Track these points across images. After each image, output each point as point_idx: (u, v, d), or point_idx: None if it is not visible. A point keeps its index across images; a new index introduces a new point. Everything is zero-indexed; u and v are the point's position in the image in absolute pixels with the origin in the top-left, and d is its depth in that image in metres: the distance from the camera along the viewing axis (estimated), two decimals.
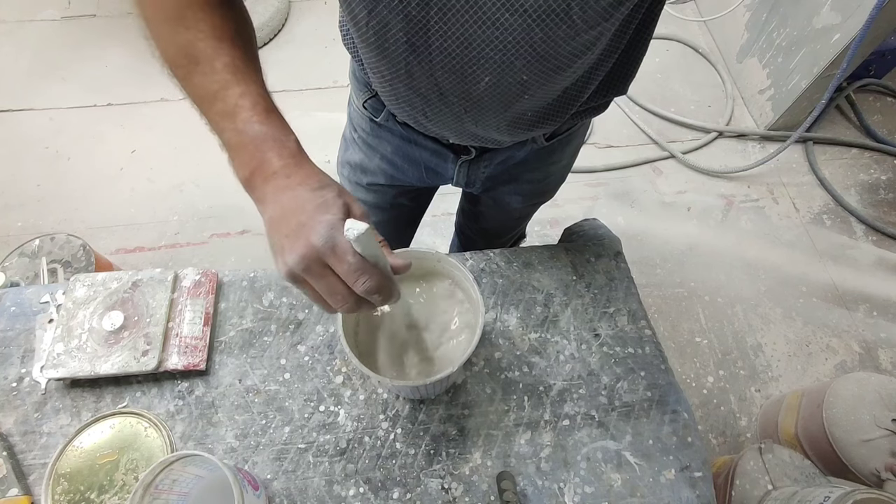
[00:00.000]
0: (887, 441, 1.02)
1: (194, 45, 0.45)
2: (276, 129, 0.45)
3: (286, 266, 0.41)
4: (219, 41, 0.45)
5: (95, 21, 2.15)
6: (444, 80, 0.50)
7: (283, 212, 0.42)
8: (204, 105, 0.45)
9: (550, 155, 0.75)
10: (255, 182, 0.44)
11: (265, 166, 0.43)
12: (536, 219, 1.68)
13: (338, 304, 0.42)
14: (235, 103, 0.44)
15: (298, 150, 0.45)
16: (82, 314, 0.65)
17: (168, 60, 0.46)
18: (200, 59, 0.45)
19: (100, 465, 0.58)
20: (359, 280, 0.41)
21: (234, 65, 0.45)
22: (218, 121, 0.45)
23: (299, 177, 0.43)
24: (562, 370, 0.67)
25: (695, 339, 1.55)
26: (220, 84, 0.44)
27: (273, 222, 0.42)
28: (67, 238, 1.27)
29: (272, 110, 0.46)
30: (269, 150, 0.43)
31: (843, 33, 1.55)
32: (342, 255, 0.40)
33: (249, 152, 0.44)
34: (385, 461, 0.61)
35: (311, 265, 0.40)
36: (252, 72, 0.46)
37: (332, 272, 0.41)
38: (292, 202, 0.42)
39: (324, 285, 0.41)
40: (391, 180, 0.79)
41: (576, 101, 0.58)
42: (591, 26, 0.43)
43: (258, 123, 0.44)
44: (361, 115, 0.72)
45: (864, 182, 1.87)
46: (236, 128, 0.44)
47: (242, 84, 0.45)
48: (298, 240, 0.40)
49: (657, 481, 0.60)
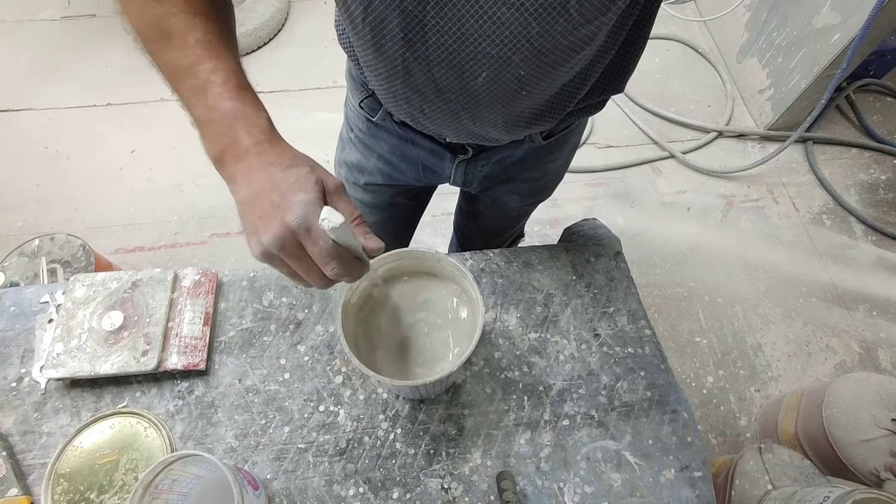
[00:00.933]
0: (887, 441, 1.02)
1: (167, 20, 0.44)
2: (247, 105, 0.44)
3: (260, 246, 0.41)
4: (192, 15, 0.44)
5: (95, 21, 2.15)
6: (442, 77, 0.50)
7: (255, 192, 0.41)
8: (176, 81, 0.44)
9: (548, 154, 0.75)
10: (226, 160, 0.43)
11: (236, 144, 0.43)
12: (536, 219, 1.68)
13: (312, 281, 0.43)
14: (207, 79, 0.43)
15: (270, 127, 0.45)
16: (82, 314, 0.65)
17: (140, 35, 0.45)
18: (173, 33, 0.44)
19: (99, 465, 0.58)
20: (328, 265, 0.41)
21: (206, 40, 0.44)
22: (189, 97, 0.44)
23: (271, 155, 0.43)
24: (561, 370, 0.67)
25: (694, 339, 1.55)
26: (191, 59, 0.43)
27: (245, 202, 0.42)
28: (67, 238, 1.27)
29: (244, 87, 0.45)
30: (241, 128, 0.43)
31: (842, 33, 1.55)
32: (315, 238, 0.40)
33: (220, 129, 0.43)
34: (385, 461, 0.61)
35: (286, 245, 0.40)
36: (225, 47, 0.45)
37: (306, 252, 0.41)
38: (265, 181, 0.41)
39: (298, 264, 0.42)
40: (388, 180, 0.79)
41: (573, 97, 0.58)
42: (588, 21, 0.43)
43: (229, 100, 0.43)
44: (358, 115, 0.72)
45: (864, 182, 1.87)
46: (207, 104, 0.43)
47: (214, 59, 0.44)
48: (273, 220, 0.40)
49: (657, 481, 0.60)
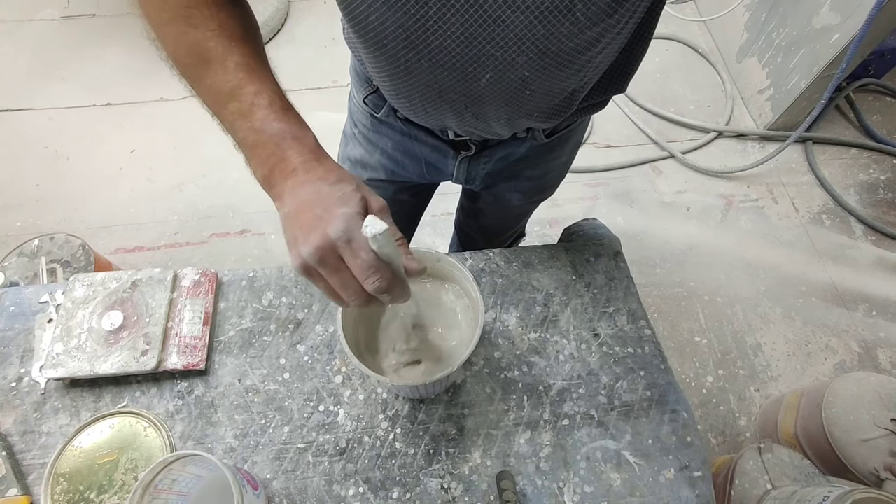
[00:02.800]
0: (886, 441, 1.02)
1: (204, 45, 0.44)
2: (294, 126, 0.44)
3: (300, 258, 0.40)
4: (229, 39, 0.45)
5: (95, 21, 2.15)
6: (445, 77, 0.50)
7: (300, 205, 0.41)
8: (217, 105, 0.45)
9: (550, 151, 0.75)
10: (274, 179, 0.43)
11: (284, 163, 0.43)
12: (536, 218, 1.68)
13: (349, 298, 0.42)
14: (252, 102, 0.43)
15: (317, 146, 0.45)
16: (81, 314, 0.65)
17: (177, 61, 0.46)
18: (212, 58, 0.44)
19: (99, 464, 0.58)
20: (370, 278, 0.40)
21: (246, 63, 0.45)
22: (233, 120, 0.44)
23: (318, 172, 0.43)
24: (561, 370, 0.67)
25: (694, 339, 1.55)
26: (234, 83, 0.44)
27: (290, 216, 0.42)
28: (67, 238, 1.27)
29: (289, 108, 0.46)
30: (289, 148, 0.43)
31: (842, 33, 1.55)
32: (357, 249, 0.40)
33: (269, 150, 0.43)
34: (384, 461, 0.61)
35: (326, 257, 0.40)
36: (265, 69, 0.46)
37: (346, 266, 0.41)
38: (310, 196, 0.41)
39: (337, 279, 0.41)
40: (392, 176, 0.79)
41: (576, 97, 0.58)
42: (594, 23, 0.43)
43: (276, 121, 0.43)
44: (362, 111, 0.73)
45: (864, 182, 1.87)
46: (253, 126, 0.43)
47: (257, 82, 0.44)
48: (314, 231, 0.40)
49: (656, 481, 0.60)
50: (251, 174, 0.45)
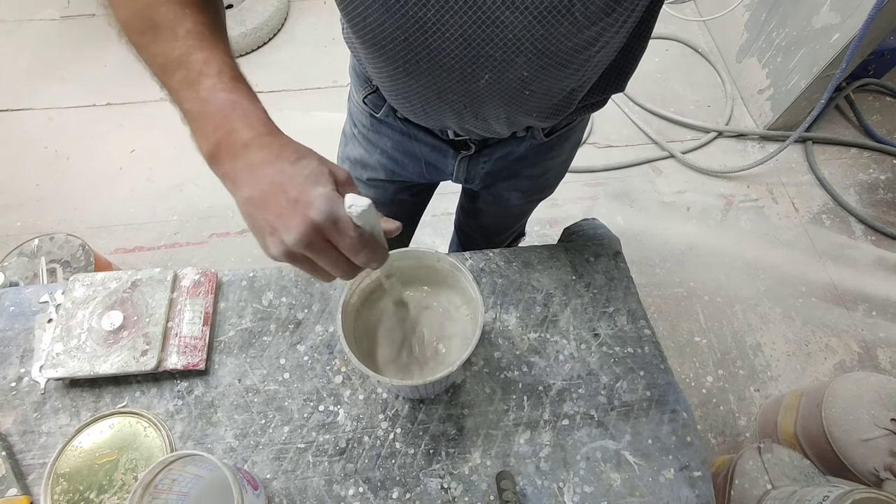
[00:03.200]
0: (886, 440, 1.02)
1: (155, 10, 0.42)
2: (243, 97, 0.41)
3: (283, 245, 0.39)
4: (182, 6, 0.42)
5: (95, 21, 2.15)
6: (444, 78, 0.50)
7: (265, 189, 0.39)
8: (164, 74, 0.42)
9: (549, 150, 0.75)
10: (222, 156, 0.40)
11: (233, 137, 0.40)
12: (536, 218, 1.68)
13: (339, 273, 0.42)
14: (199, 70, 0.40)
15: (268, 119, 0.43)
16: (81, 314, 0.65)
17: (126, 27, 0.44)
18: (161, 24, 0.41)
19: (99, 464, 0.58)
20: (359, 253, 0.41)
21: (197, 30, 0.42)
22: (179, 89, 0.41)
23: (275, 148, 0.40)
24: (561, 370, 0.67)
25: (694, 339, 1.55)
26: (182, 50, 0.41)
27: (255, 202, 0.39)
28: (67, 238, 1.27)
29: (239, 78, 0.43)
30: (237, 120, 0.40)
31: (842, 33, 1.55)
32: (344, 229, 0.39)
33: (215, 122, 0.40)
34: (384, 461, 0.61)
35: (314, 241, 0.39)
36: (217, 38, 0.43)
37: (333, 246, 0.40)
38: (274, 177, 0.39)
39: (325, 258, 0.41)
40: (391, 175, 0.79)
41: (576, 96, 0.58)
42: (592, 22, 0.43)
43: (224, 91, 0.40)
44: (361, 111, 0.73)
45: (864, 182, 1.87)
46: (199, 96, 0.40)
47: (206, 50, 0.41)
48: (294, 217, 0.38)
49: (656, 481, 0.60)
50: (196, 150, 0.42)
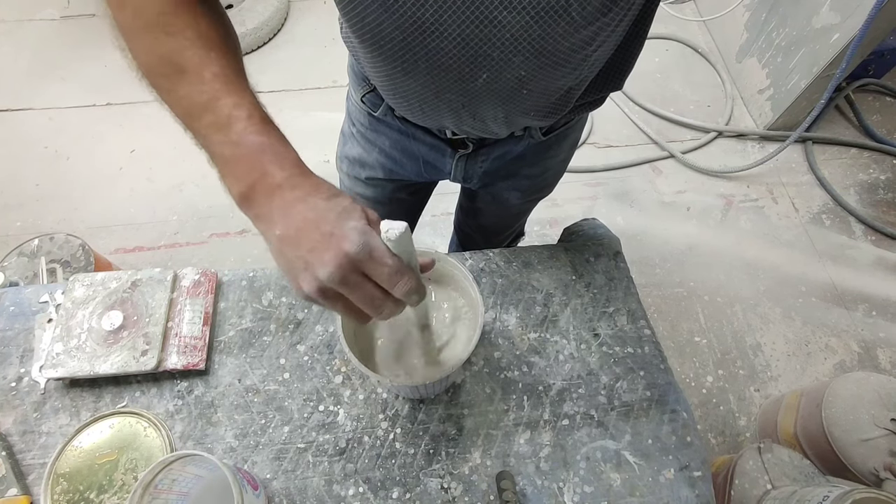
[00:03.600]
0: (886, 440, 1.02)
1: (180, 54, 0.42)
2: (275, 140, 0.42)
3: (317, 282, 0.37)
4: (207, 49, 0.42)
5: (95, 21, 2.15)
6: (442, 78, 0.50)
7: (299, 225, 0.38)
8: (190, 117, 0.42)
9: (548, 150, 0.75)
10: (256, 196, 0.40)
11: (266, 179, 0.40)
12: (536, 218, 1.68)
13: (376, 310, 0.40)
14: (229, 114, 0.41)
15: (300, 160, 0.43)
16: (81, 314, 0.65)
17: (149, 71, 0.44)
18: (187, 68, 0.41)
19: (99, 464, 0.58)
20: (399, 282, 0.39)
21: (224, 74, 0.42)
22: (208, 134, 0.42)
23: (307, 187, 0.40)
24: (561, 370, 0.67)
25: (694, 339, 1.55)
26: (210, 94, 0.41)
27: (287, 239, 0.39)
28: (66, 238, 1.27)
29: (268, 121, 0.43)
30: (270, 163, 0.40)
31: (842, 33, 1.55)
32: (381, 258, 0.38)
33: (248, 165, 0.40)
34: (384, 461, 0.61)
35: (348, 275, 0.37)
36: (243, 82, 0.44)
37: (369, 279, 0.39)
38: (308, 214, 0.38)
39: (360, 294, 0.39)
40: (390, 174, 0.79)
41: (573, 94, 0.58)
42: (589, 22, 0.43)
43: (255, 134, 0.41)
44: (360, 110, 0.73)
45: (864, 182, 1.87)
46: (230, 140, 0.41)
47: (235, 95, 0.41)
48: (328, 251, 0.37)
49: (656, 481, 0.60)
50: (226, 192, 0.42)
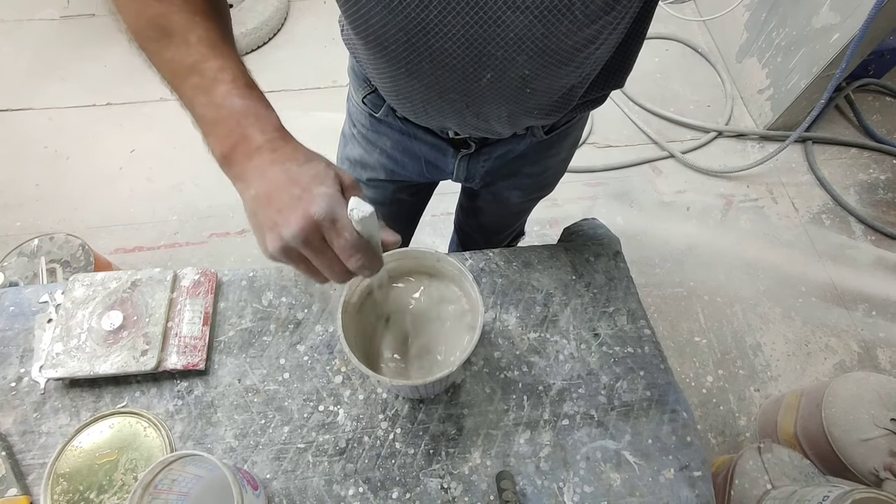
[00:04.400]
0: (886, 440, 1.02)
1: (167, 18, 0.43)
2: (257, 103, 0.43)
3: (281, 239, 0.39)
4: (192, 14, 0.43)
5: (94, 20, 2.14)
6: (446, 78, 0.50)
7: (271, 186, 0.40)
8: (177, 79, 0.43)
9: (549, 148, 0.75)
10: (236, 157, 0.42)
11: (247, 141, 0.42)
12: (536, 218, 1.68)
13: (331, 276, 0.42)
14: (214, 77, 0.42)
15: (281, 125, 0.44)
16: (81, 314, 0.65)
17: (137, 34, 0.45)
18: (174, 31, 0.43)
19: (99, 464, 0.58)
20: (353, 257, 0.41)
21: (209, 38, 0.43)
22: (193, 95, 0.43)
23: (286, 151, 0.42)
24: (561, 370, 0.67)
25: (694, 339, 1.55)
26: (195, 57, 0.42)
27: (260, 198, 0.41)
28: (66, 238, 1.27)
29: (252, 85, 0.44)
30: (251, 125, 0.42)
31: (842, 33, 1.55)
32: (341, 230, 0.40)
33: (229, 126, 0.42)
34: (384, 461, 0.61)
35: (311, 238, 0.39)
36: (229, 46, 0.45)
37: (328, 245, 0.40)
38: (281, 177, 0.40)
39: (321, 258, 0.41)
40: (391, 175, 0.79)
41: (576, 93, 0.58)
42: (592, 21, 0.43)
43: (238, 97, 0.42)
44: (361, 111, 0.73)
45: (863, 182, 1.87)
46: (213, 101, 0.42)
47: (220, 58, 0.43)
48: (295, 212, 0.39)
49: (656, 481, 0.60)
50: (208, 152, 0.43)
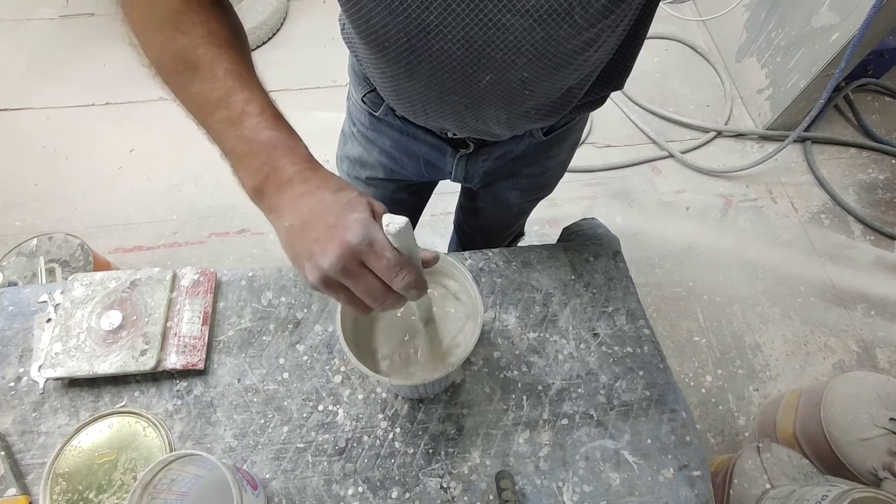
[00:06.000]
0: (885, 440, 1.03)
1: (192, 51, 0.43)
2: (286, 135, 0.43)
3: (320, 271, 0.39)
4: (218, 47, 0.43)
5: (93, 20, 2.14)
6: (445, 79, 0.50)
7: (306, 217, 0.40)
8: (204, 113, 0.44)
9: (549, 149, 0.75)
10: (267, 190, 0.42)
11: (278, 173, 0.41)
12: (535, 218, 1.68)
13: (376, 302, 0.41)
14: (242, 110, 0.42)
15: (310, 155, 0.44)
16: (80, 313, 0.65)
17: (162, 68, 0.45)
18: (200, 65, 0.43)
19: (98, 464, 0.58)
20: (398, 276, 0.40)
21: (236, 70, 0.43)
22: (221, 129, 0.43)
23: (316, 181, 0.42)
24: (560, 369, 0.67)
25: (693, 339, 1.55)
26: (223, 91, 0.42)
27: (295, 230, 0.40)
28: (65, 237, 1.27)
29: (280, 117, 0.44)
30: (282, 157, 0.42)
31: (841, 33, 1.55)
32: (381, 251, 0.39)
33: (260, 160, 0.42)
34: (384, 460, 0.61)
35: (349, 265, 0.39)
36: (254, 77, 0.45)
37: (369, 271, 0.40)
38: (315, 206, 0.40)
39: (361, 285, 0.40)
40: (390, 174, 0.79)
41: (576, 95, 0.58)
42: (591, 24, 0.43)
43: (267, 130, 0.42)
44: (360, 110, 0.73)
45: (862, 181, 1.88)
46: (243, 135, 0.42)
47: (247, 90, 0.43)
48: (331, 241, 0.38)
49: (655, 480, 0.60)
50: (239, 185, 0.43)
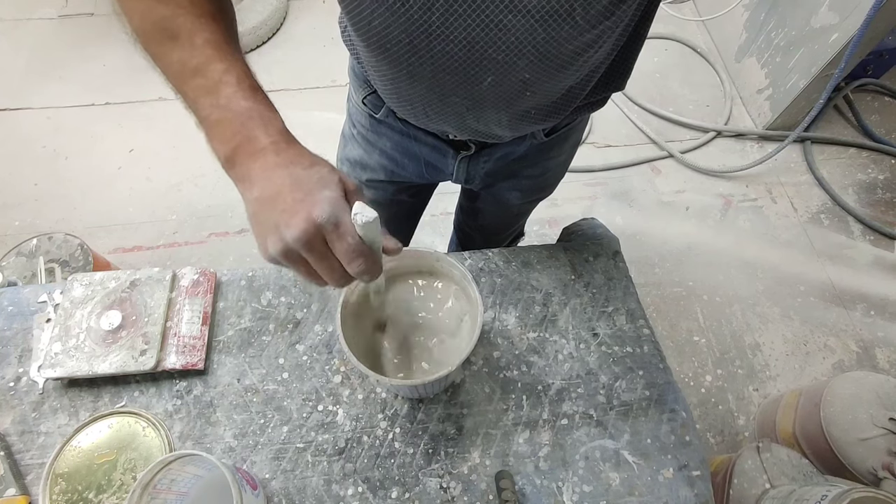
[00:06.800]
0: (884, 440, 1.03)
1: (173, 20, 0.43)
2: (262, 105, 0.43)
3: (283, 242, 0.39)
4: (198, 17, 0.44)
5: (93, 20, 2.14)
6: (446, 81, 0.50)
7: (275, 189, 0.40)
8: (181, 80, 0.44)
9: (549, 150, 0.75)
10: (239, 159, 0.42)
11: (251, 143, 0.42)
12: (535, 218, 1.68)
13: (332, 280, 0.42)
14: (219, 79, 0.42)
15: (285, 128, 0.44)
16: (80, 314, 0.65)
17: (142, 36, 0.45)
18: (180, 33, 0.43)
19: (98, 464, 0.58)
20: (354, 262, 0.41)
21: (214, 40, 0.43)
22: (197, 96, 0.43)
23: (290, 154, 0.42)
24: (560, 369, 0.67)
25: (693, 339, 1.55)
26: (200, 59, 0.43)
27: (263, 200, 0.41)
28: (65, 237, 1.27)
29: (257, 88, 0.44)
30: (256, 127, 0.42)
31: (841, 33, 1.55)
32: (344, 234, 0.39)
33: (233, 128, 0.42)
34: (384, 460, 0.61)
35: (313, 241, 0.39)
36: (234, 49, 0.45)
37: (330, 250, 0.40)
38: (286, 179, 0.40)
39: (322, 263, 0.41)
40: (391, 176, 0.79)
41: (577, 97, 0.58)
42: (593, 25, 0.43)
43: (243, 99, 0.42)
44: (361, 111, 0.72)
45: (862, 181, 1.88)
46: (218, 103, 0.42)
47: (225, 60, 0.43)
48: (298, 214, 0.39)
49: (655, 480, 0.60)
50: (211, 153, 0.43)
